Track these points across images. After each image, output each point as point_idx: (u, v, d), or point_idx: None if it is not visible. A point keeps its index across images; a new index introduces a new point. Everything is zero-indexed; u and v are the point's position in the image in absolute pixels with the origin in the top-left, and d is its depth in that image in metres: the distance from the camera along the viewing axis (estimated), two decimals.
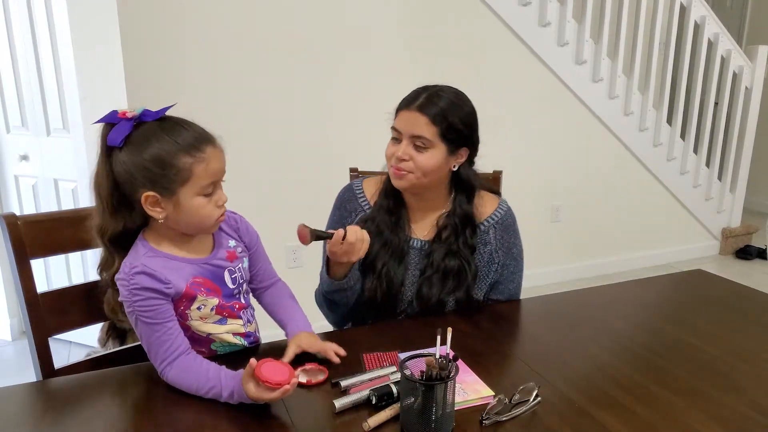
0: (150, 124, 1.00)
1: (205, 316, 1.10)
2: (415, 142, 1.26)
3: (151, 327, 1.01)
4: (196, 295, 1.07)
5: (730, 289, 1.55)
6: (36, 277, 1.18)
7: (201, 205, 1.02)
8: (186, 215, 1.02)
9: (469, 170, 1.36)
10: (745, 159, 3.98)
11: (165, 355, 1.01)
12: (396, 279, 1.35)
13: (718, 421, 0.94)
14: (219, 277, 1.11)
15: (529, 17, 3.03)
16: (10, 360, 2.58)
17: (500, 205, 1.42)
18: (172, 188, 0.99)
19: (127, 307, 1.02)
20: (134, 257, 1.04)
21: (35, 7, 2.32)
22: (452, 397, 0.89)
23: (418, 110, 1.26)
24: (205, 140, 1.01)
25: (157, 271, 1.01)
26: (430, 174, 1.29)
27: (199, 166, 0.99)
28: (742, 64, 3.75)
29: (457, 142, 1.29)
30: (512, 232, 1.42)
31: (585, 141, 3.40)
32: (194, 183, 1.00)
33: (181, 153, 0.98)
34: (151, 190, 0.99)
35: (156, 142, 0.98)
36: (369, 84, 2.71)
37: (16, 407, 1.00)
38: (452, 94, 1.29)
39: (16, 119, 2.52)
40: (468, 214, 1.35)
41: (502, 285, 1.42)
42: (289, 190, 2.60)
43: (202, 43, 2.37)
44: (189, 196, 1.00)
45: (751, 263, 3.91)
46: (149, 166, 0.98)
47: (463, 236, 1.34)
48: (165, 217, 1.02)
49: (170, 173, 0.98)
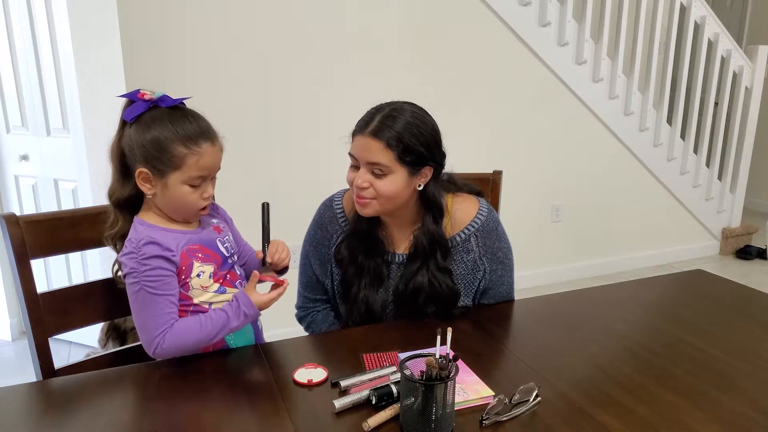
0: (161, 110, 1.08)
1: (205, 284, 1.14)
2: (372, 170, 1.21)
3: (153, 298, 1.07)
4: (192, 261, 1.13)
5: (730, 289, 1.55)
6: (36, 277, 1.18)
7: (186, 193, 1.09)
8: (171, 198, 1.10)
9: (435, 187, 1.28)
10: (745, 159, 3.98)
11: (162, 325, 1.08)
12: (375, 304, 1.32)
13: (718, 421, 0.94)
14: (212, 244, 1.17)
15: (529, 17, 3.03)
16: (10, 360, 2.58)
17: (480, 210, 1.34)
18: (163, 171, 1.07)
19: (133, 278, 1.07)
20: (136, 234, 1.10)
21: (35, 7, 2.32)
22: (452, 397, 0.89)
23: (372, 136, 1.19)
24: (204, 136, 1.08)
25: (162, 241, 1.09)
26: (393, 199, 1.23)
27: (192, 158, 1.07)
28: (742, 64, 3.75)
29: (417, 163, 1.22)
30: (495, 235, 1.35)
31: (585, 141, 3.40)
32: (184, 172, 1.07)
33: (178, 142, 1.06)
34: (144, 167, 1.07)
35: (159, 126, 1.06)
36: (369, 84, 2.71)
37: (16, 407, 1.00)
38: (408, 114, 1.21)
39: (16, 119, 2.52)
40: (436, 237, 1.28)
41: (492, 290, 1.38)
42: (288, 190, 2.60)
43: (202, 44, 2.37)
44: (177, 182, 1.08)
45: (751, 263, 3.91)
46: (147, 146, 1.06)
47: (434, 259, 1.28)
48: (153, 194, 1.10)
49: (164, 157, 1.06)
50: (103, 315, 1.31)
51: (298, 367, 1.07)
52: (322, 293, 1.43)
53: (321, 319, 1.43)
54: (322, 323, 1.42)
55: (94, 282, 1.27)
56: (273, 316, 1.36)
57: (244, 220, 1.38)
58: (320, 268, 1.40)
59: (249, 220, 1.37)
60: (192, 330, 1.09)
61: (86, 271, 2.59)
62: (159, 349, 1.08)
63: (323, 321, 1.43)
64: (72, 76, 2.26)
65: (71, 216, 1.25)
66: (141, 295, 1.07)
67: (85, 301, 1.26)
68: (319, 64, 2.61)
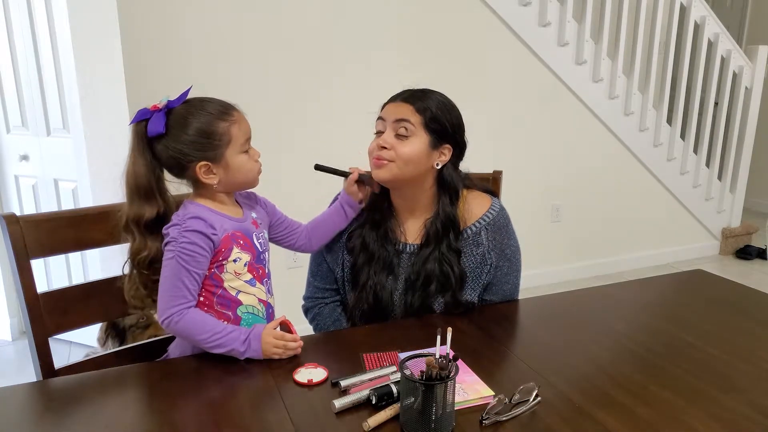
0: (180, 108, 1.12)
1: (239, 270, 1.16)
2: (397, 130, 1.27)
3: (183, 268, 1.09)
4: (233, 246, 1.15)
5: (730, 289, 1.55)
6: (36, 277, 1.18)
7: (244, 161, 1.15)
8: (235, 173, 1.15)
9: (453, 172, 1.34)
10: (745, 159, 3.98)
11: (182, 300, 1.10)
12: (384, 291, 1.34)
13: (718, 421, 0.94)
14: (251, 236, 1.20)
15: (529, 17, 3.03)
16: (10, 360, 2.58)
17: (492, 205, 1.38)
18: (219, 152, 1.12)
19: (171, 246, 1.10)
20: (184, 210, 1.13)
21: (35, 7, 2.32)
22: (452, 397, 0.89)
23: (404, 101, 1.29)
24: (230, 107, 1.16)
25: (208, 219, 1.12)
26: (410, 164, 1.27)
27: (234, 127, 1.13)
28: (742, 64, 3.75)
29: (440, 135, 1.29)
30: (505, 232, 1.38)
31: (585, 141, 3.40)
32: (235, 143, 1.13)
33: (218, 120, 1.12)
34: (202, 160, 1.11)
35: (193, 118, 1.11)
36: (369, 83, 2.71)
37: (16, 407, 1.00)
38: (439, 95, 1.32)
39: (16, 119, 2.53)
40: (450, 217, 1.32)
41: (496, 286, 1.39)
42: (289, 190, 2.60)
43: (202, 44, 2.37)
44: (234, 155, 1.13)
45: (751, 263, 3.91)
46: (194, 140, 1.10)
47: (446, 240, 1.32)
48: (218, 181, 1.14)
49: (215, 140, 1.11)
50: (103, 315, 1.31)
51: (298, 367, 1.07)
52: (331, 282, 1.44)
53: (327, 314, 1.43)
54: (328, 318, 1.43)
55: (94, 282, 1.27)
56: None
57: None
58: (331, 256, 1.42)
59: None
60: (207, 325, 1.10)
61: (86, 271, 2.59)
62: (172, 324, 1.10)
63: (329, 315, 1.43)
64: (72, 76, 2.26)
65: (71, 216, 1.25)
66: (173, 263, 1.09)
67: (85, 301, 1.26)
68: (319, 65, 2.61)
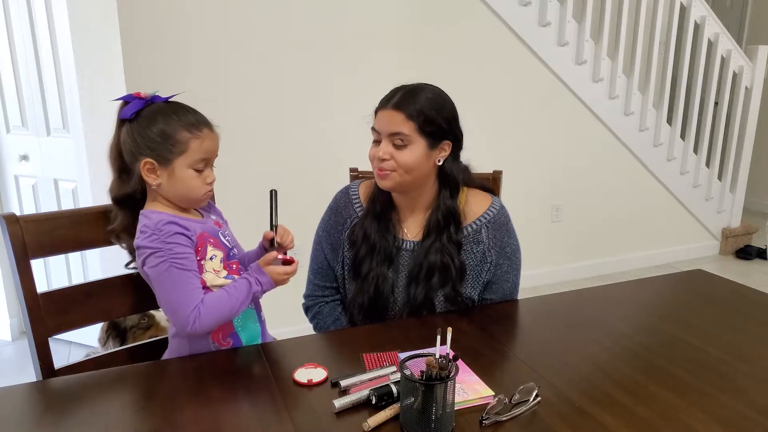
0: (159, 104, 1.14)
1: (216, 268, 1.18)
2: (393, 141, 1.26)
3: (183, 273, 1.10)
4: (206, 244, 1.17)
5: (730, 288, 1.55)
6: (36, 277, 1.18)
7: (192, 177, 1.14)
8: (177, 184, 1.13)
9: (453, 165, 1.34)
10: (745, 159, 3.98)
11: (194, 300, 1.10)
12: (385, 284, 1.34)
13: (718, 421, 0.94)
14: (217, 235, 1.21)
15: (529, 17, 3.03)
16: (10, 360, 2.58)
17: (492, 203, 1.39)
18: (168, 158, 1.11)
19: (159, 257, 1.09)
20: (149, 220, 1.12)
21: (35, 7, 2.32)
22: (452, 397, 0.89)
23: (394, 108, 1.26)
24: (204, 123, 1.15)
25: (179, 221, 1.12)
26: (412, 170, 1.27)
27: (195, 142, 1.12)
28: (742, 64, 3.75)
29: (437, 135, 1.28)
30: (505, 230, 1.39)
31: (585, 141, 3.40)
32: (188, 156, 1.12)
33: (182, 128, 1.12)
34: (149, 158, 1.11)
35: (162, 117, 1.12)
36: (369, 83, 2.71)
37: (16, 407, 1.00)
38: (429, 91, 1.29)
39: (16, 119, 2.52)
40: (451, 209, 1.33)
41: (496, 285, 1.39)
42: (288, 190, 2.60)
43: (202, 44, 2.37)
44: (183, 167, 1.12)
45: (751, 263, 3.91)
46: (152, 136, 1.11)
47: (447, 232, 1.33)
48: (159, 184, 1.13)
49: (169, 144, 1.11)
50: (103, 315, 1.31)
51: (298, 366, 1.07)
52: (331, 280, 1.45)
53: (327, 312, 1.44)
54: (328, 317, 1.43)
55: (94, 282, 1.27)
56: (273, 315, 1.36)
57: (247, 215, 1.39)
58: (332, 252, 1.43)
59: (252, 213, 1.37)
60: (222, 299, 1.12)
61: (86, 271, 2.59)
62: (197, 324, 1.10)
63: (329, 314, 1.43)
64: (72, 76, 2.26)
65: (71, 216, 1.25)
66: (172, 273, 1.09)
67: (85, 301, 1.25)
68: (319, 64, 2.61)
